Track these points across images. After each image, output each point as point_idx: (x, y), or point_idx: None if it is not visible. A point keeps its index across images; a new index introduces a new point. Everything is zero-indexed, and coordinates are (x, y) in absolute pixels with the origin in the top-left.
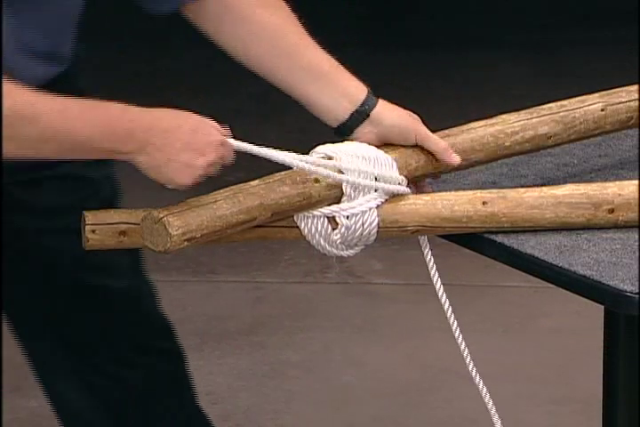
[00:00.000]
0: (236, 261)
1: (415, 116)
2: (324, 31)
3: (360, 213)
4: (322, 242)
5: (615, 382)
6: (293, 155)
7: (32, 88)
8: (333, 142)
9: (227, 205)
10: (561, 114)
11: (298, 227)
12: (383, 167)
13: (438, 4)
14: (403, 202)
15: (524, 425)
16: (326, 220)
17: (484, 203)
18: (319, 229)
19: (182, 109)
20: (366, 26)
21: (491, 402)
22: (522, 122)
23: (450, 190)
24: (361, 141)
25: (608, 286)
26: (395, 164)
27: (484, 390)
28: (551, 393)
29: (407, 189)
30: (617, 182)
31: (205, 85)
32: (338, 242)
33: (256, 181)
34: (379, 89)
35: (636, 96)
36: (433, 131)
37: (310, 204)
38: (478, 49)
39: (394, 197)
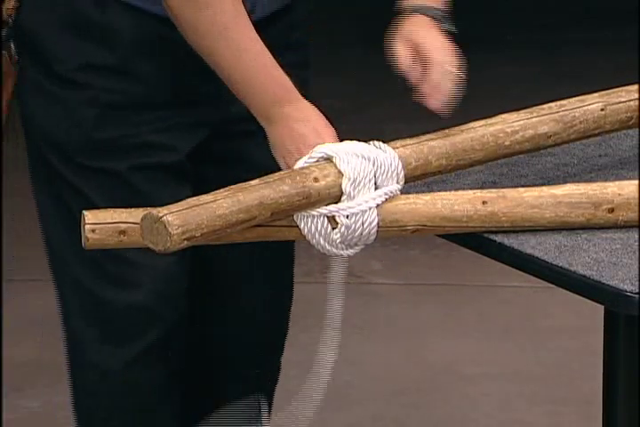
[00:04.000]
0: None
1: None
2: (324, 31)
3: (360, 212)
4: (322, 241)
5: (615, 382)
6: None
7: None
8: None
9: (226, 205)
10: (561, 113)
11: (297, 226)
12: (383, 166)
13: None
14: (403, 201)
15: (524, 425)
16: (326, 219)
17: (483, 202)
18: (319, 228)
19: None
20: (366, 26)
21: None
22: (522, 121)
23: (450, 190)
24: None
25: (608, 285)
26: (395, 163)
27: None
28: (551, 393)
29: None
30: (617, 182)
31: None
32: (338, 241)
33: (256, 181)
34: (379, 89)
35: (636, 96)
36: (433, 131)
37: (310, 203)
38: (478, 49)
39: (394, 196)
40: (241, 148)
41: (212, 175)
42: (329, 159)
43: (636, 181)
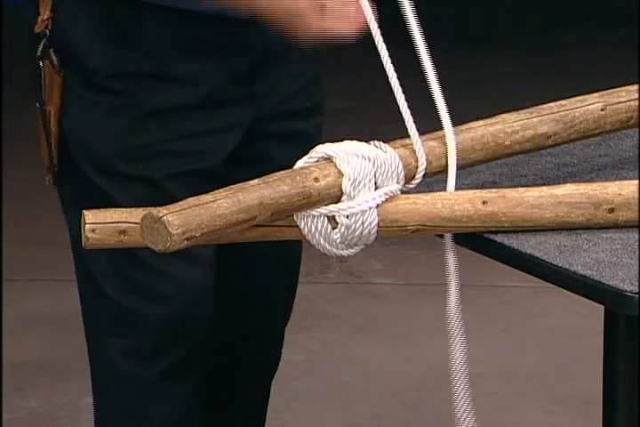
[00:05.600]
0: None
1: None
2: None
3: (360, 212)
4: (322, 241)
5: (615, 382)
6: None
7: None
8: (333, 142)
9: (226, 205)
10: (561, 113)
11: (297, 226)
12: (383, 166)
13: (438, 3)
14: (403, 201)
15: (524, 425)
16: (326, 219)
17: (483, 202)
18: (319, 228)
19: None
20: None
21: None
22: (522, 121)
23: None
24: None
25: (608, 285)
26: (395, 163)
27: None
28: (551, 393)
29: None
30: (617, 182)
31: None
32: (338, 241)
33: (256, 181)
34: (378, 89)
35: (636, 96)
36: (433, 130)
37: (310, 203)
38: (478, 49)
39: (394, 196)
40: (269, 150)
41: (240, 179)
42: (329, 159)
43: (637, 181)
